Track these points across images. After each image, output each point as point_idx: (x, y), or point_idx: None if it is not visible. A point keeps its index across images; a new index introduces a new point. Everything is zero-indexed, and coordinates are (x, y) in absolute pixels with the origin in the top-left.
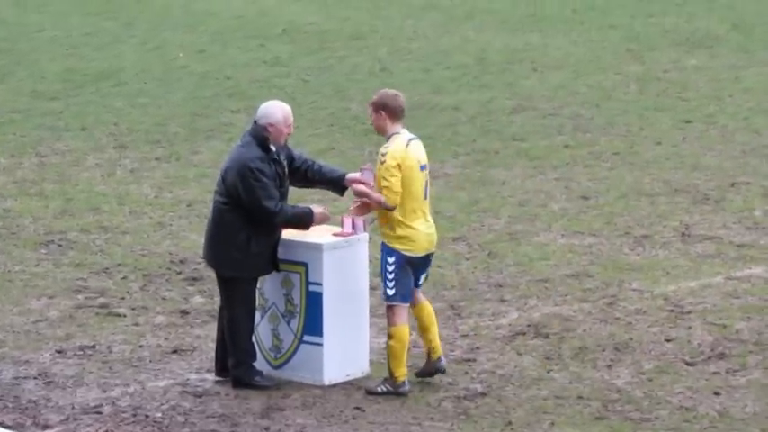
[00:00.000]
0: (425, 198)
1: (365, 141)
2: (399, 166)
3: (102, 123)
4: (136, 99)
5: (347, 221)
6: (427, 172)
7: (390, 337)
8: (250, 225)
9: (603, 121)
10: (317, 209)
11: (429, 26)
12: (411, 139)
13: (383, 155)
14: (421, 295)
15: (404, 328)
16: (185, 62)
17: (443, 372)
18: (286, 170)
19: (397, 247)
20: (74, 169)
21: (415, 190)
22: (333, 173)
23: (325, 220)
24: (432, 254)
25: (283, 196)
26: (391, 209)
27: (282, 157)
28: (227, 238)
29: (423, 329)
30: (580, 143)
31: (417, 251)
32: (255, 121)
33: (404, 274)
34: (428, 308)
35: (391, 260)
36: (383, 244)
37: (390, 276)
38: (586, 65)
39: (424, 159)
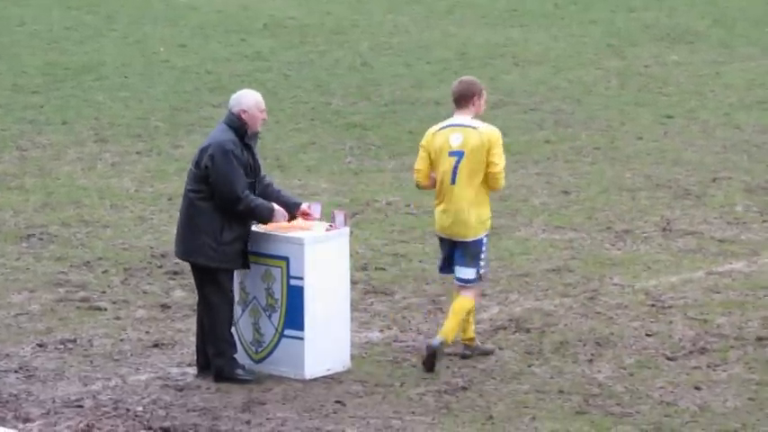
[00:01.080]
0: (452, 183)
1: (346, 136)
2: (423, 146)
3: (83, 117)
4: (117, 93)
5: (338, 215)
6: (460, 159)
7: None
8: (223, 213)
9: (584, 115)
10: (279, 208)
11: (410, 21)
12: (444, 126)
13: None
14: (458, 288)
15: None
16: (166, 56)
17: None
18: (258, 161)
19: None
20: (55, 163)
21: (439, 174)
22: (288, 199)
23: (283, 219)
24: (452, 242)
25: (251, 187)
26: (418, 185)
27: (256, 149)
28: (199, 227)
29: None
30: (561, 138)
31: (437, 230)
32: (230, 111)
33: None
34: (457, 300)
35: None
36: None
37: None
38: (567, 60)
39: (455, 146)
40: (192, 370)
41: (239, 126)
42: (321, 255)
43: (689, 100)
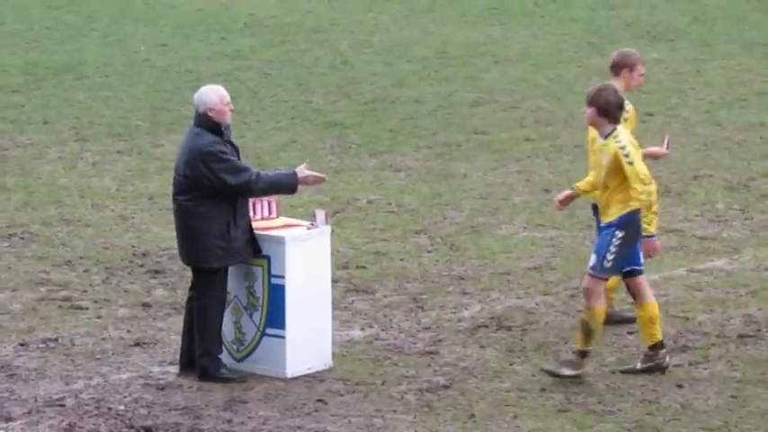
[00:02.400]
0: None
1: (326, 134)
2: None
3: (64, 116)
4: (98, 92)
5: (319, 214)
6: (597, 150)
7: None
8: (226, 212)
9: (565, 113)
10: (301, 169)
11: (390, 19)
12: None
13: None
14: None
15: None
16: (147, 55)
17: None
18: (238, 150)
19: None
20: (36, 162)
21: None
22: None
23: (316, 180)
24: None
25: None
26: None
27: (232, 138)
28: (205, 231)
29: None
30: (542, 136)
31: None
32: (196, 111)
33: None
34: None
35: None
36: None
37: None
38: (547, 58)
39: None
40: (174, 369)
41: (212, 125)
42: (302, 253)
43: (669, 98)
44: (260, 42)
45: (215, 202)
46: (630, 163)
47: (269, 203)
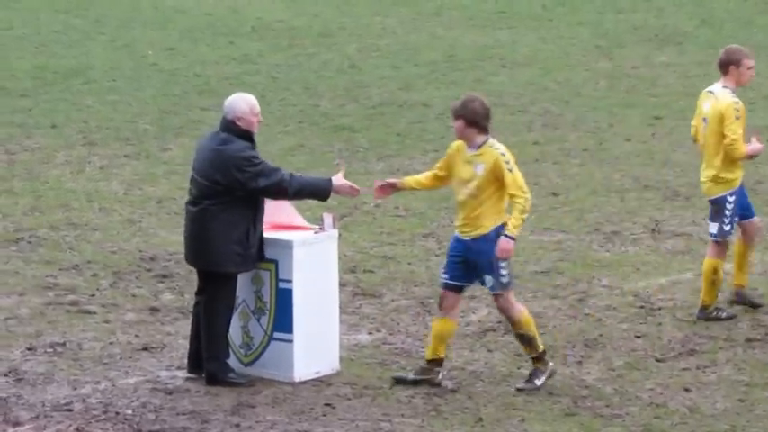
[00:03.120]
0: (702, 147)
1: (334, 138)
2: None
3: (71, 121)
4: (105, 96)
5: (327, 218)
6: (706, 125)
7: None
8: (247, 218)
9: (573, 117)
10: (340, 178)
11: (397, 23)
12: (707, 90)
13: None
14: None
15: None
16: (155, 60)
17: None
18: None
19: None
20: (43, 166)
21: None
22: None
23: (350, 192)
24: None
25: None
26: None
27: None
28: (226, 237)
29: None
30: (549, 140)
31: None
32: (224, 117)
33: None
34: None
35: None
36: None
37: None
38: (555, 61)
39: (704, 111)
40: (182, 373)
41: (242, 132)
42: (310, 257)
43: (677, 101)
44: (268, 46)
45: (239, 208)
46: (510, 170)
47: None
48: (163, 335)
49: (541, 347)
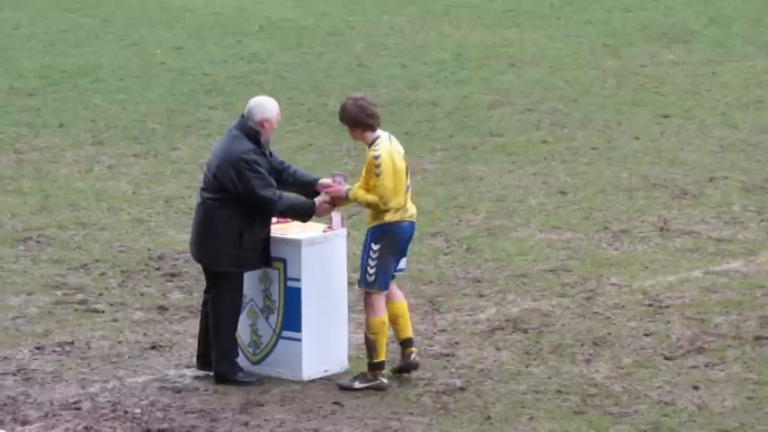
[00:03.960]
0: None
1: (343, 137)
2: None
3: (79, 120)
4: (114, 96)
5: (335, 216)
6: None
7: None
8: (242, 219)
9: (581, 116)
10: (320, 201)
11: (406, 21)
12: None
13: None
14: None
15: None
16: (163, 59)
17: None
18: (274, 160)
19: None
20: (52, 166)
21: None
22: (306, 177)
23: (327, 211)
24: None
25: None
26: None
27: (268, 153)
28: (220, 234)
29: None
30: (558, 138)
31: None
32: (243, 116)
33: None
34: None
35: None
36: None
37: None
38: (564, 60)
39: None
40: (190, 372)
41: (255, 134)
42: (318, 256)
43: (685, 100)
44: (276, 45)
45: (234, 208)
46: (378, 175)
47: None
48: (171, 334)
49: (379, 360)
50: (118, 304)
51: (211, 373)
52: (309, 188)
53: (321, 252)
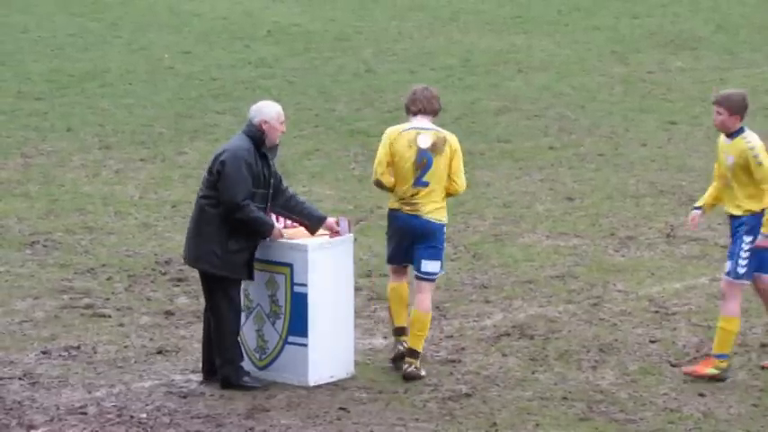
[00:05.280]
0: None
1: (350, 142)
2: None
3: (87, 124)
4: (121, 100)
5: (342, 222)
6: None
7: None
8: (227, 223)
9: (588, 122)
10: (278, 227)
11: (414, 27)
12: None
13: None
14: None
15: None
16: (171, 63)
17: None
18: (273, 171)
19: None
20: (59, 170)
21: None
22: (313, 212)
23: (278, 237)
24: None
25: (263, 198)
26: None
27: (273, 161)
28: (207, 234)
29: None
30: (565, 144)
31: None
32: (250, 121)
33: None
34: None
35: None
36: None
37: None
38: (571, 66)
39: None
40: (196, 377)
41: (258, 136)
42: (325, 261)
43: (693, 106)
44: (284, 50)
45: (222, 210)
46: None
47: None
48: (177, 338)
49: (394, 325)
50: (124, 309)
51: (216, 380)
52: (315, 224)
53: (328, 257)
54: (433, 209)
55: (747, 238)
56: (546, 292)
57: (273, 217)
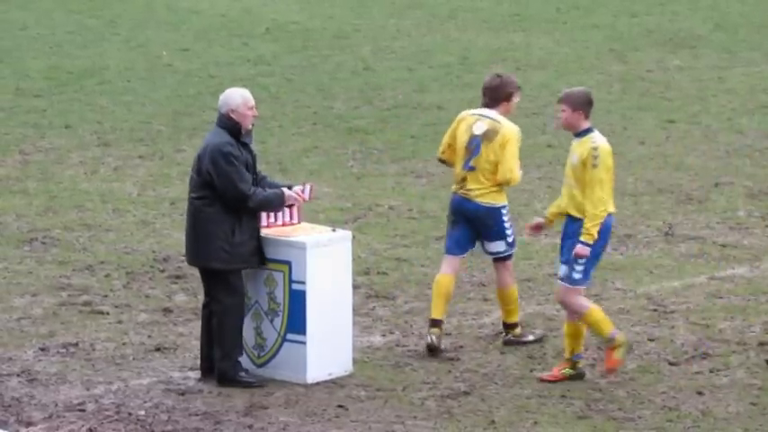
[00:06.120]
0: None
1: (348, 140)
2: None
3: (85, 121)
4: (120, 97)
5: (306, 187)
6: None
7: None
8: (231, 215)
9: None
10: (288, 191)
11: (412, 25)
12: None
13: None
14: None
15: None
16: (169, 60)
17: None
18: (254, 156)
19: None
20: (57, 167)
21: None
22: (278, 184)
23: (296, 200)
24: None
25: (253, 183)
26: None
27: (252, 145)
28: (210, 232)
29: None
30: (563, 143)
31: None
32: (219, 111)
33: None
34: None
35: None
36: None
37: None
38: (569, 64)
39: None
40: (194, 374)
41: (232, 126)
42: (323, 259)
43: (691, 105)
44: (282, 48)
45: (221, 204)
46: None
47: (290, 209)
48: (176, 336)
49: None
50: (123, 306)
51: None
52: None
53: (326, 255)
54: (482, 193)
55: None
56: (544, 291)
57: (264, 214)
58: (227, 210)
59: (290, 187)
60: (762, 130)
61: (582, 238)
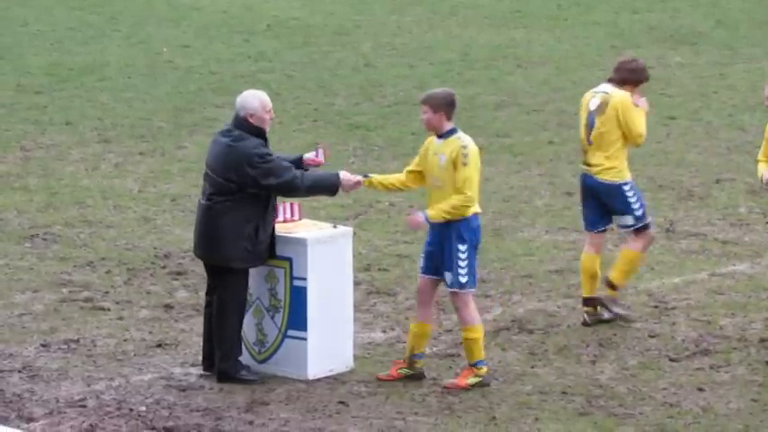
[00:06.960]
0: None
1: (349, 137)
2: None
3: (86, 118)
4: (120, 93)
5: (319, 150)
6: None
7: None
8: (255, 216)
9: None
10: (344, 172)
11: (413, 22)
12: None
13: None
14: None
15: None
16: (170, 57)
17: None
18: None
19: None
20: (58, 163)
21: None
22: (288, 157)
23: (354, 187)
24: None
25: None
26: None
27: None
28: (236, 233)
29: None
30: (564, 139)
31: None
32: (237, 114)
33: None
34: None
35: None
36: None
37: None
38: (570, 61)
39: None
40: (196, 370)
41: (254, 129)
42: (324, 255)
43: (692, 101)
44: (283, 44)
45: (250, 205)
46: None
47: (291, 206)
48: (177, 332)
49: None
50: (124, 302)
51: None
52: (297, 165)
53: (327, 251)
54: (601, 169)
55: (462, 246)
56: (545, 287)
57: (281, 207)
58: (253, 210)
59: (300, 158)
60: (763, 127)
61: (429, 211)
